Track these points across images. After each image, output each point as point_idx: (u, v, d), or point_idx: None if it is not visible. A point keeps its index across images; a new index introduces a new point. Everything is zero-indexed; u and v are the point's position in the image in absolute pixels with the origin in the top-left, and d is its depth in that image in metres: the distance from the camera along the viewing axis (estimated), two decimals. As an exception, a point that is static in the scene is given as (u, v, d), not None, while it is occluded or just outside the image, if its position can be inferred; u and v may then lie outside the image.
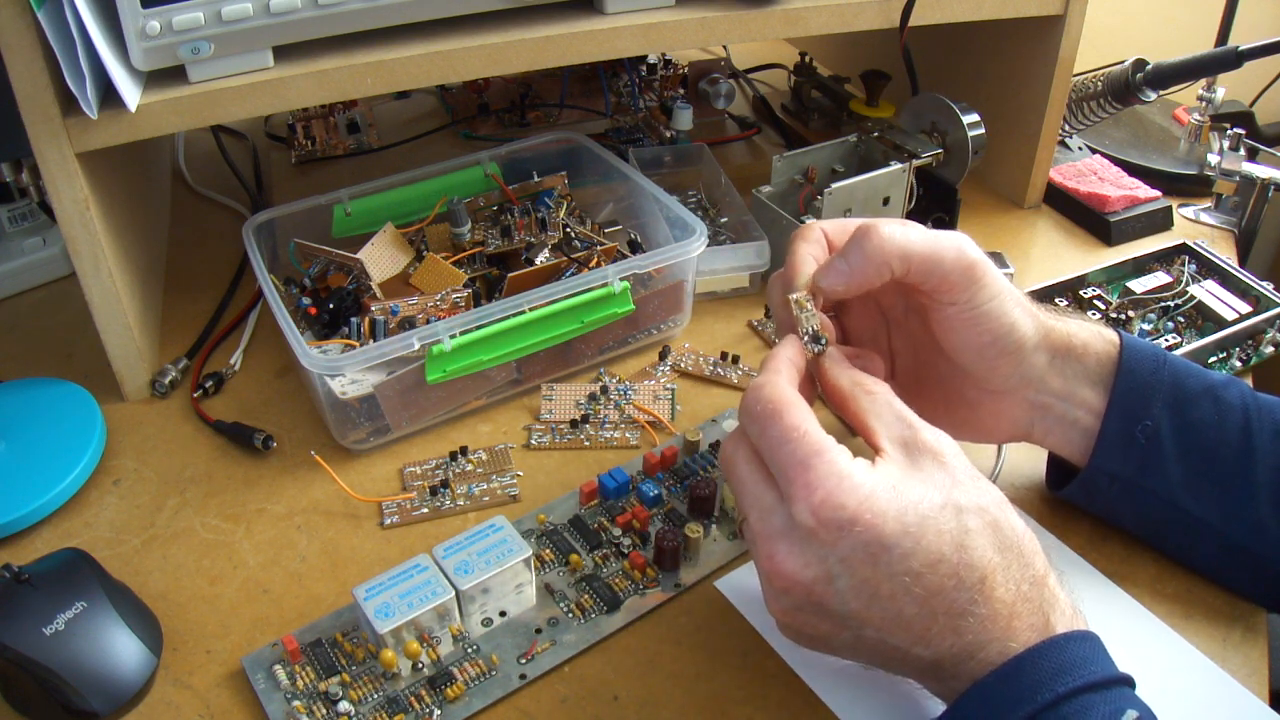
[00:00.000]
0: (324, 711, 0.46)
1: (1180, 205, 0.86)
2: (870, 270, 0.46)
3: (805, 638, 0.44)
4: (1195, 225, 0.84)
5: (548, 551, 0.53)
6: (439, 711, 0.46)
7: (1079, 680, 0.38)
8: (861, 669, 0.46)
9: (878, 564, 0.39)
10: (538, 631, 0.49)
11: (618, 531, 0.54)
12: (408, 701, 0.46)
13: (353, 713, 0.45)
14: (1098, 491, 0.51)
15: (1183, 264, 0.76)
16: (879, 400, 0.44)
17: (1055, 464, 0.56)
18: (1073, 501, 0.55)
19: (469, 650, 0.48)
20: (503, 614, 0.50)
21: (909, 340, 0.53)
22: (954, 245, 0.47)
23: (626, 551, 0.53)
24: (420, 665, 0.47)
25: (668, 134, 0.89)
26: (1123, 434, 0.50)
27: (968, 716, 0.39)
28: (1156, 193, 0.84)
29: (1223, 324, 0.68)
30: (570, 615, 0.50)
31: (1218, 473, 0.49)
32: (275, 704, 0.46)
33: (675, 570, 0.53)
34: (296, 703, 0.46)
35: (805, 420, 0.41)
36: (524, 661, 0.48)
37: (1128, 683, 0.40)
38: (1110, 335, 0.51)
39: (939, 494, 0.40)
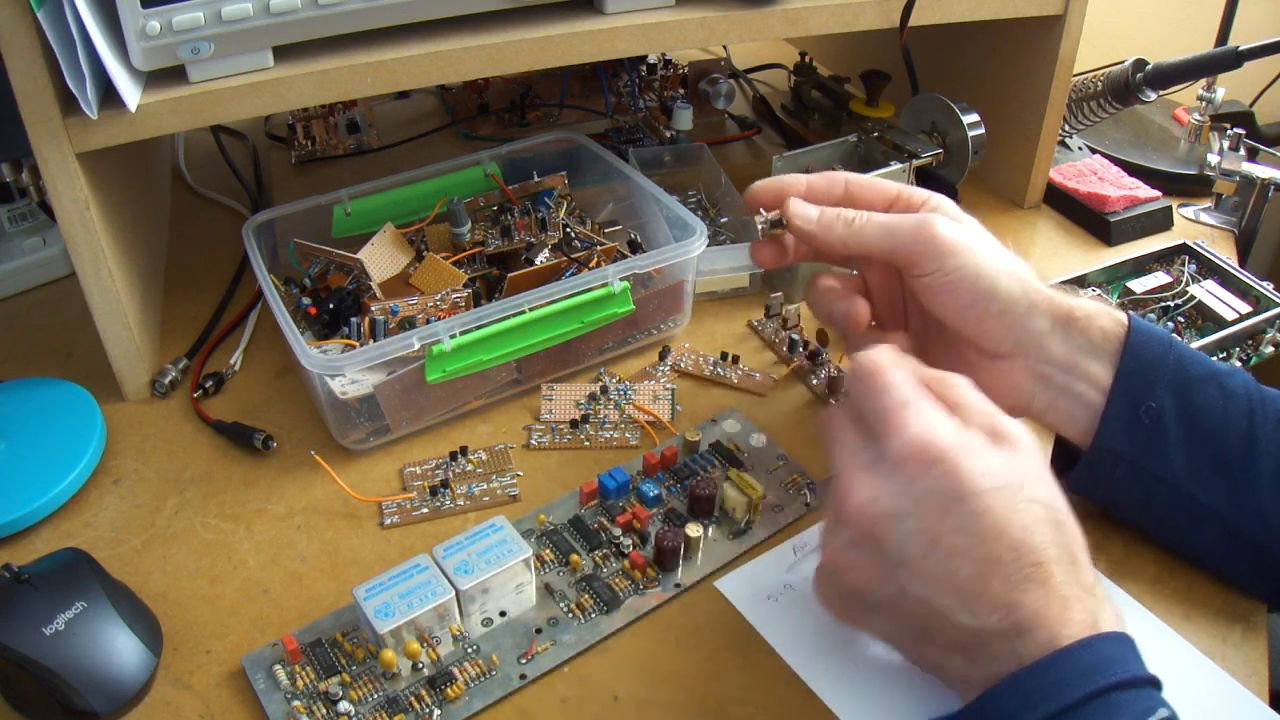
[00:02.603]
0: (324, 711, 0.46)
1: (1180, 205, 0.86)
2: (824, 241, 0.53)
3: (843, 595, 0.44)
4: (1195, 225, 0.84)
5: (548, 551, 0.53)
6: (439, 711, 0.46)
7: (1115, 677, 0.38)
8: (861, 670, 0.46)
9: (947, 513, 0.41)
10: (538, 631, 0.49)
11: (618, 531, 0.54)
12: (408, 701, 0.46)
13: (353, 713, 0.45)
14: (1102, 474, 0.51)
15: (1183, 264, 0.76)
16: (961, 391, 0.45)
17: (1060, 449, 0.56)
18: (1077, 488, 0.54)
19: (469, 650, 0.48)
20: (503, 614, 0.50)
21: (918, 305, 0.55)
22: (911, 229, 0.50)
23: (626, 551, 0.53)
24: (420, 665, 0.47)
25: (668, 134, 0.89)
26: (1127, 413, 0.50)
27: (1003, 700, 0.39)
28: (1156, 193, 0.84)
29: (1223, 324, 0.68)
30: (570, 615, 0.50)
31: (1221, 457, 0.49)
32: (275, 704, 0.46)
33: (675, 570, 0.53)
34: (296, 703, 0.46)
35: (909, 378, 0.44)
36: (524, 661, 0.48)
37: (1156, 684, 0.40)
38: (1119, 315, 0.52)
39: (1016, 476, 0.41)
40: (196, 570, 0.53)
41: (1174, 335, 0.52)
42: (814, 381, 0.66)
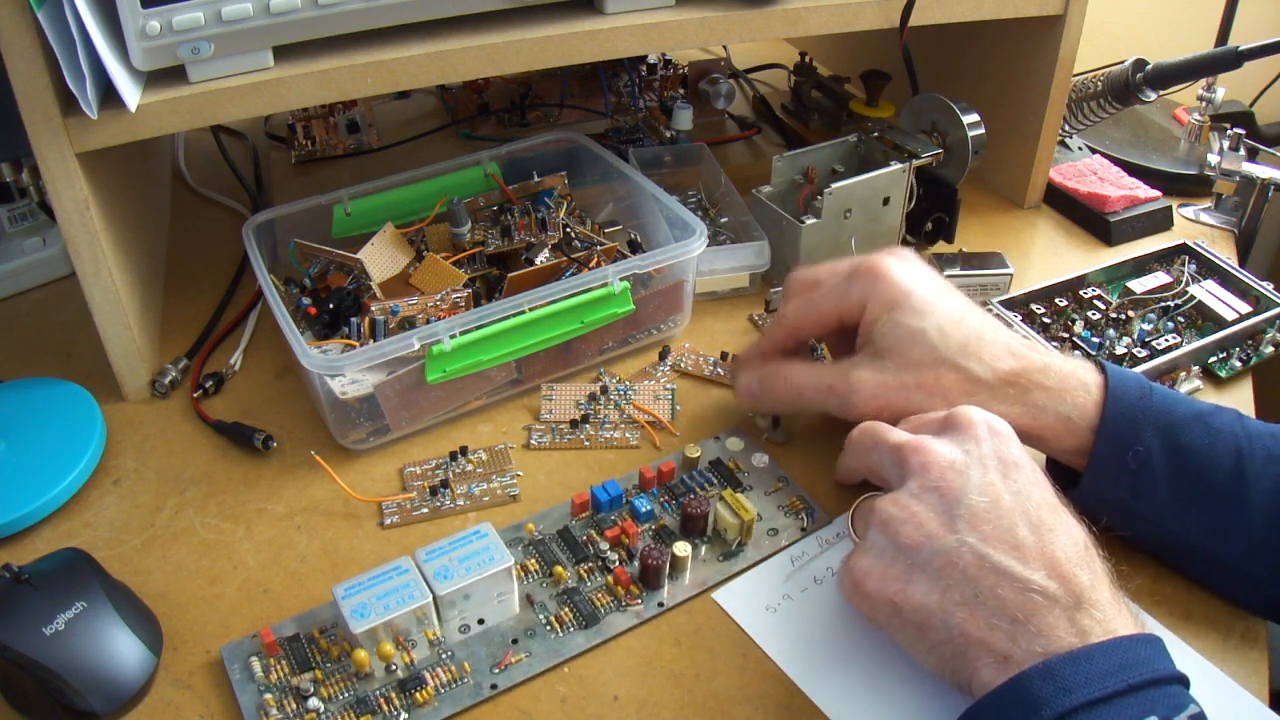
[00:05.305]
0: (294, 706, 0.46)
1: (1180, 205, 0.86)
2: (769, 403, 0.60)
3: (890, 556, 0.45)
4: (1195, 225, 0.84)
5: (533, 561, 0.53)
6: (406, 715, 0.45)
7: (1152, 673, 0.39)
8: (861, 681, 0.46)
9: (1007, 476, 0.45)
10: (514, 642, 0.49)
11: (605, 546, 0.53)
12: (376, 703, 0.46)
13: (321, 710, 0.45)
14: (1090, 511, 0.51)
15: (1183, 264, 0.76)
16: None
17: (1052, 468, 0.56)
18: None
19: (443, 656, 0.48)
20: (481, 622, 0.49)
21: None
22: (821, 392, 0.56)
23: (612, 567, 0.52)
24: (393, 667, 0.47)
25: (668, 134, 0.89)
26: (1113, 461, 0.50)
27: (1035, 685, 0.39)
28: (1156, 193, 0.84)
29: (1223, 324, 0.68)
30: (548, 628, 0.50)
31: (1208, 497, 0.49)
32: (249, 694, 0.46)
33: (660, 589, 0.52)
34: (268, 695, 0.46)
35: None
36: (496, 671, 0.47)
37: (1185, 683, 0.40)
38: (1089, 379, 0.52)
39: None
40: (196, 570, 0.53)
41: (1150, 381, 0.52)
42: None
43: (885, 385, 0.53)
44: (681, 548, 0.52)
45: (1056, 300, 0.71)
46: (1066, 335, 0.68)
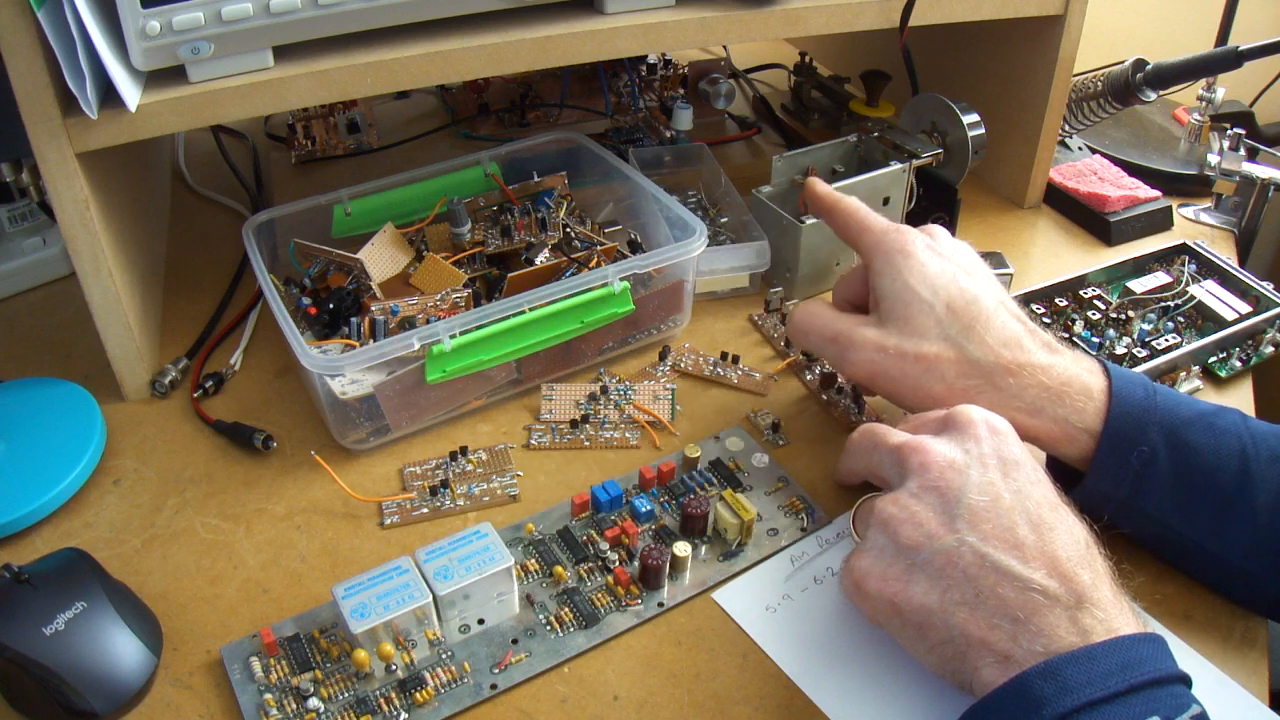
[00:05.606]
0: (294, 706, 0.46)
1: (1180, 205, 0.86)
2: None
3: (889, 557, 0.45)
4: (1195, 225, 0.84)
5: (533, 562, 0.53)
6: (405, 715, 0.45)
7: (1155, 673, 0.39)
8: (861, 681, 0.46)
9: (1007, 475, 0.45)
10: (514, 642, 0.49)
11: (605, 546, 0.53)
12: (377, 703, 0.46)
13: (321, 710, 0.45)
14: (1093, 509, 0.51)
15: (1183, 264, 0.76)
16: None
17: (1053, 466, 0.56)
18: None
19: (444, 656, 0.48)
20: (481, 622, 0.49)
21: None
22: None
23: (612, 567, 0.52)
24: (393, 667, 0.47)
25: (668, 134, 0.89)
26: (1117, 460, 0.50)
27: (1035, 685, 0.39)
28: (1156, 193, 0.84)
29: (1223, 324, 0.68)
30: (548, 628, 0.50)
31: (1213, 497, 0.49)
32: (249, 695, 0.46)
33: (660, 589, 0.52)
34: (268, 695, 0.46)
35: None
36: (496, 671, 0.47)
37: (1188, 682, 0.40)
38: (1093, 382, 0.51)
39: None
40: (196, 570, 0.53)
41: (1154, 382, 0.52)
42: (808, 377, 0.66)
43: (884, 349, 0.53)
44: (681, 548, 0.52)
45: (1056, 300, 0.71)
46: (1066, 335, 0.68)
